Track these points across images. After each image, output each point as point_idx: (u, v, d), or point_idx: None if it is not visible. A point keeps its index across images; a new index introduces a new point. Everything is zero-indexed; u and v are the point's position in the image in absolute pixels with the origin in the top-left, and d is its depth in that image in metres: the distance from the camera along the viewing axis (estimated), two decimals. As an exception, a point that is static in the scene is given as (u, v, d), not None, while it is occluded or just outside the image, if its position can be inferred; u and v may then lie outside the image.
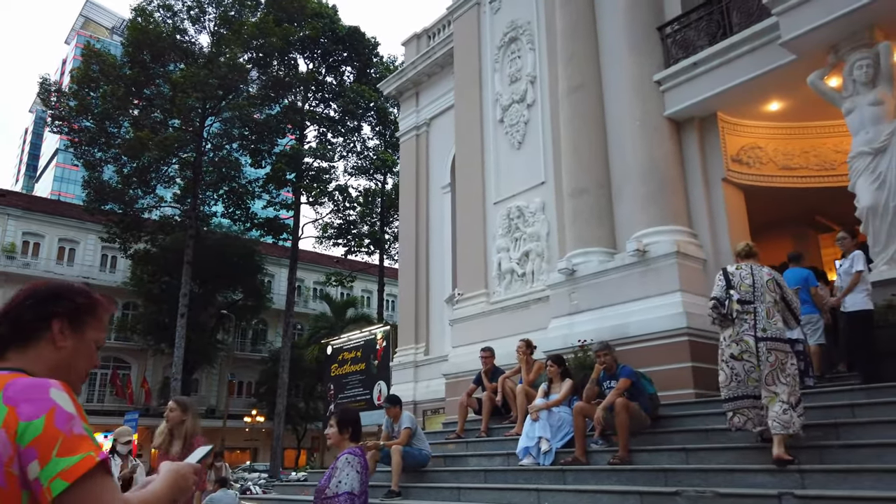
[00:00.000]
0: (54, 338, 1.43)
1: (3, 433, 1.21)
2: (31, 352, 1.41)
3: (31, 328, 1.42)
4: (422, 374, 15.76)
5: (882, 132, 7.51)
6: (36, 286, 1.49)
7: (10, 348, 1.41)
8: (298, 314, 36.98)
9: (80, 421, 1.27)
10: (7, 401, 1.25)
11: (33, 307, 1.43)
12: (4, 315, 1.43)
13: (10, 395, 1.26)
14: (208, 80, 26.65)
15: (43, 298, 1.45)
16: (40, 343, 1.42)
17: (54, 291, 1.48)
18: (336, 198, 32.37)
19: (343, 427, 3.95)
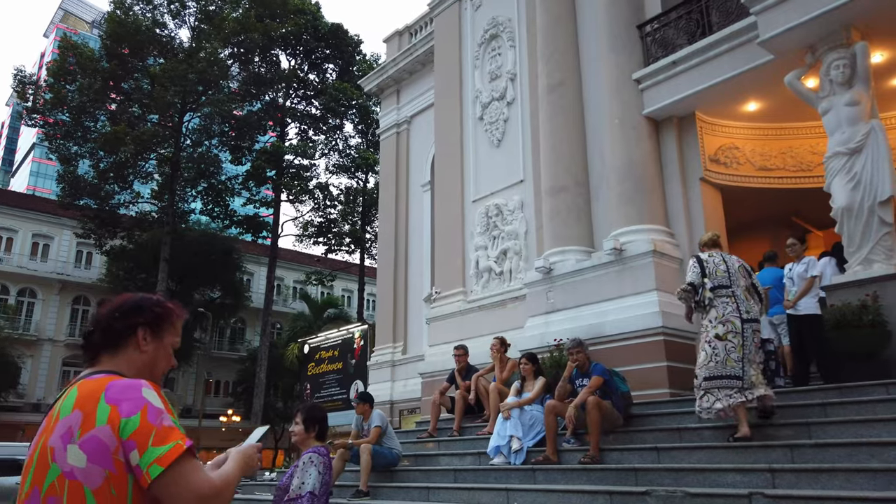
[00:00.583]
0: (139, 343, 1.69)
1: (108, 428, 1.45)
2: (120, 356, 1.67)
3: (121, 335, 1.68)
4: (399, 373, 15.62)
5: (858, 132, 7.51)
6: (122, 300, 1.74)
7: (101, 354, 1.67)
8: (277, 313, 36.62)
9: (168, 414, 1.51)
10: (109, 400, 1.49)
11: (121, 318, 1.68)
12: (96, 325, 1.68)
13: (111, 395, 1.49)
14: (188, 75, 26.27)
15: (128, 310, 1.70)
16: (128, 348, 1.68)
17: (138, 303, 1.73)
18: (317, 196, 32.09)
19: (310, 425, 3.82)
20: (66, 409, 1.51)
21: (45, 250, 34.58)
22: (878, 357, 6.64)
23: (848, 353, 6.71)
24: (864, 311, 6.70)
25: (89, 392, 1.51)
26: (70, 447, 1.45)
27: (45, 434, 1.52)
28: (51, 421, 1.53)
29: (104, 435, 1.45)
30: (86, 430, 1.46)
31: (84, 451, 1.44)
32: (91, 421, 1.46)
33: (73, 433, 1.46)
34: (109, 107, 28.25)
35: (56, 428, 1.49)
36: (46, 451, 1.48)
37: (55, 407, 1.56)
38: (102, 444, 1.44)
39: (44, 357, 33.17)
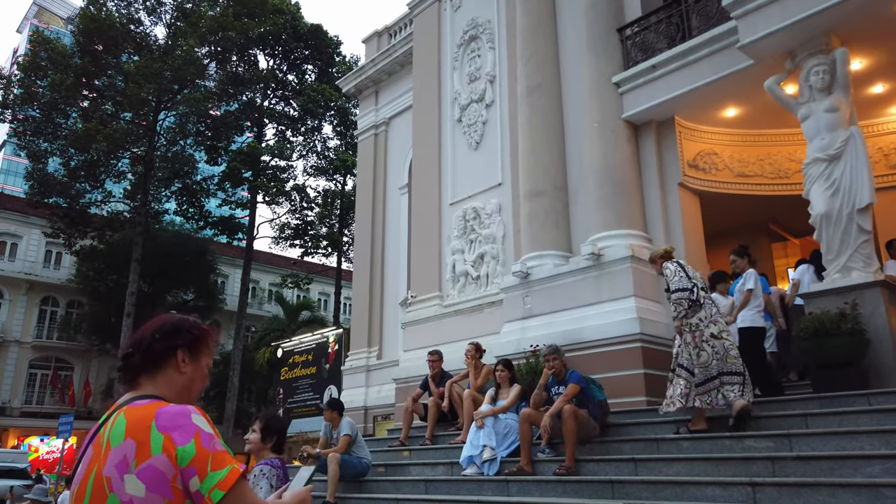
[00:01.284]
0: (178, 365, 1.71)
1: (164, 457, 1.47)
2: (160, 378, 1.69)
3: (161, 357, 1.70)
4: (374, 378, 15.35)
5: (837, 139, 7.44)
6: (161, 321, 1.76)
7: (141, 375, 1.68)
8: (252, 316, 36.07)
9: (218, 439, 1.54)
10: (161, 429, 1.50)
11: (161, 340, 1.71)
12: (136, 346, 1.70)
13: (162, 423, 1.51)
14: (163, 73, 25.76)
15: (168, 331, 1.73)
16: (168, 370, 1.70)
17: (177, 325, 1.75)
18: (294, 198, 31.66)
19: (267, 434, 3.58)
20: (116, 438, 1.52)
21: (12, 249, 33.72)
22: (856, 365, 6.56)
23: (826, 361, 6.62)
24: (843, 319, 6.61)
25: (139, 420, 1.53)
26: (127, 477, 1.48)
27: (96, 462, 1.53)
28: (100, 449, 1.54)
29: (161, 464, 1.48)
30: (142, 459, 1.48)
31: (142, 481, 1.47)
32: (146, 450, 1.49)
33: (129, 463, 1.48)
34: (81, 104, 27.59)
35: (109, 457, 1.51)
36: (102, 480, 1.50)
37: (102, 434, 1.56)
38: (160, 473, 1.48)
39: (10, 359, 32.30)
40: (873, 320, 6.71)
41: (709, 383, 5.88)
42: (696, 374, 5.96)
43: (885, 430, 4.67)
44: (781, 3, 7.74)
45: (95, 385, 33.67)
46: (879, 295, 6.87)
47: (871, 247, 7.25)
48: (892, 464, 4.39)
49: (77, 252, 29.67)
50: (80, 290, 31.69)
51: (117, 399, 1.69)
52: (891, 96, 9.41)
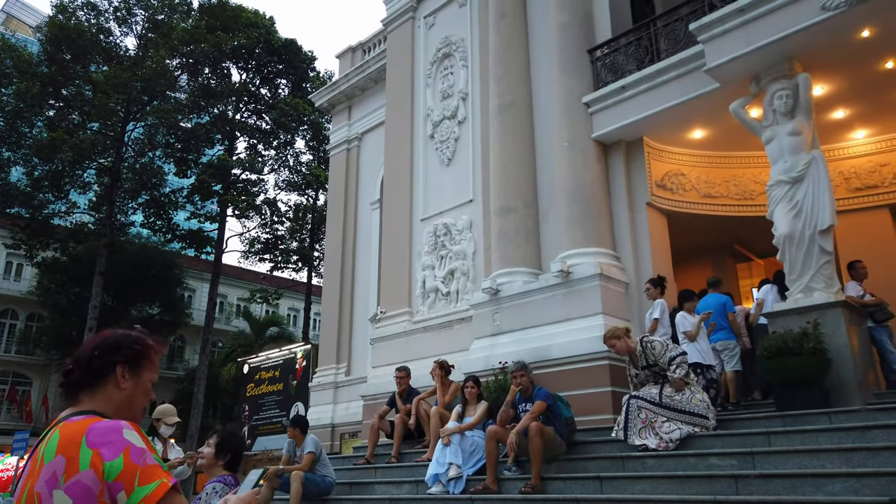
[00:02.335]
0: (118, 381, 1.71)
1: (91, 473, 1.49)
2: (99, 394, 1.69)
3: (100, 373, 1.70)
4: (342, 395, 15.16)
5: (799, 162, 7.60)
6: (102, 337, 1.77)
7: (81, 391, 1.69)
8: (219, 331, 35.45)
9: (150, 453, 1.55)
10: (91, 445, 1.51)
11: (101, 356, 1.71)
12: (76, 363, 1.71)
13: (92, 439, 1.52)
14: (132, 83, 25.41)
15: (108, 348, 1.73)
16: (107, 386, 1.70)
17: (117, 341, 1.75)
18: (264, 212, 31.34)
19: (221, 451, 3.47)
20: (49, 454, 1.54)
21: (-30, 260, 32.76)
22: (818, 384, 6.64)
23: (789, 380, 6.70)
24: (805, 338, 6.70)
25: (71, 436, 1.54)
26: (56, 492, 1.50)
27: (30, 479, 1.55)
28: (35, 465, 1.56)
29: (88, 479, 1.49)
30: (70, 475, 1.49)
31: (70, 497, 1.49)
32: (75, 466, 1.50)
33: (58, 478, 1.50)
34: (47, 113, 27.05)
35: (41, 473, 1.53)
36: (33, 496, 1.52)
37: (38, 450, 1.58)
38: (87, 489, 1.49)
39: (-34, 373, 31.25)
40: (834, 340, 6.82)
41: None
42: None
43: (846, 448, 4.72)
44: (746, 29, 7.93)
45: (54, 401, 32.67)
46: (840, 315, 7.00)
47: (832, 268, 7.39)
48: (852, 482, 4.43)
49: (39, 264, 28.94)
50: (40, 302, 30.86)
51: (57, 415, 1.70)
52: (851, 121, 9.67)
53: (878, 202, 10.01)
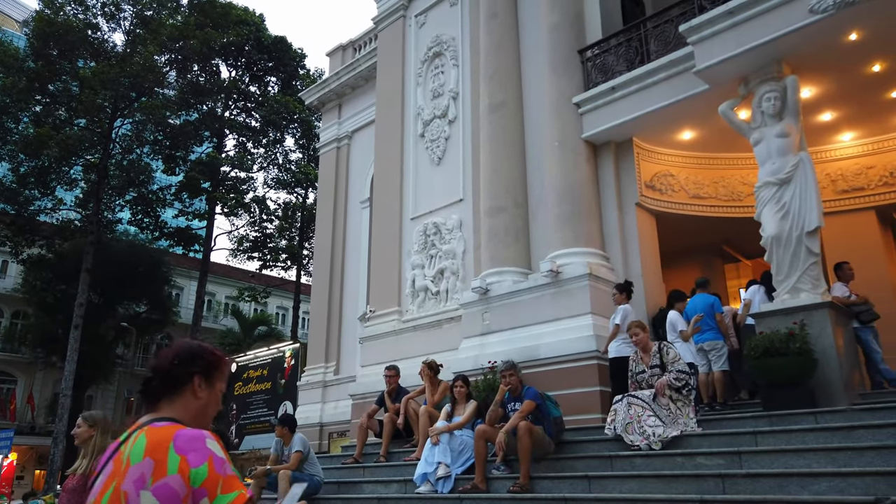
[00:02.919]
0: (195, 390, 1.81)
1: (179, 477, 1.59)
2: (178, 402, 1.79)
3: (179, 382, 1.80)
4: (330, 394, 15.11)
5: (787, 163, 7.65)
6: (178, 348, 1.86)
7: (161, 399, 1.79)
8: (207, 330, 35.25)
9: (228, 464, 1.65)
10: (178, 450, 1.61)
11: (180, 366, 1.81)
12: (156, 372, 1.82)
13: (180, 445, 1.62)
14: (120, 79, 25.20)
15: (186, 359, 1.82)
16: (185, 394, 1.80)
17: (194, 352, 1.85)
18: (253, 210, 31.20)
19: None
20: (136, 456, 1.63)
21: (-46, 257, 32.40)
22: (804, 384, 6.70)
23: (775, 380, 6.75)
24: (792, 339, 6.76)
25: (158, 441, 1.64)
26: (143, 493, 1.59)
27: (115, 477, 1.64)
28: (120, 465, 1.65)
29: (175, 483, 1.59)
30: (158, 477, 1.59)
31: (157, 497, 1.58)
32: (163, 469, 1.60)
33: (146, 480, 1.59)
34: (34, 108, 26.78)
35: (128, 473, 1.62)
36: (119, 495, 1.61)
37: (122, 451, 1.68)
38: (174, 492, 1.59)
39: (-50, 371, 30.91)
40: (821, 340, 6.88)
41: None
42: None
43: (832, 447, 4.76)
44: (735, 31, 7.98)
45: (39, 399, 32.42)
46: (827, 316, 7.05)
47: (819, 269, 7.45)
48: (837, 481, 4.47)
49: (24, 261, 28.67)
50: (26, 300, 30.56)
51: (138, 418, 1.81)
52: (838, 124, 9.76)
53: (865, 204, 10.10)
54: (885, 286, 9.55)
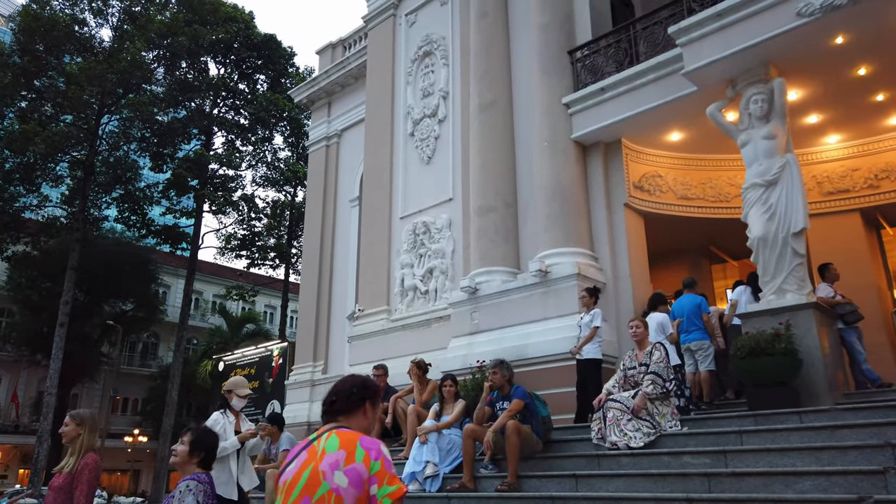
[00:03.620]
0: (366, 411, 2.46)
1: (363, 465, 2.18)
2: (352, 418, 2.41)
3: (354, 405, 2.44)
4: (318, 393, 15.06)
5: (774, 165, 7.72)
6: (354, 381, 2.52)
7: (339, 415, 2.41)
8: (194, 328, 35.08)
9: (392, 466, 2.26)
10: (364, 448, 2.23)
11: (357, 394, 2.45)
12: (338, 395, 2.45)
13: (365, 444, 2.24)
14: (107, 75, 25.00)
15: (361, 388, 2.48)
16: (357, 414, 2.43)
17: (366, 385, 2.51)
18: (241, 208, 31.05)
19: (195, 448, 3.43)
20: (331, 448, 2.24)
21: (-63, 254, 31.94)
22: (789, 384, 6.76)
23: (761, 380, 6.81)
24: (777, 339, 6.81)
25: (349, 439, 2.26)
26: (336, 472, 2.18)
27: (312, 461, 2.23)
28: (315, 454, 2.25)
29: (360, 469, 2.18)
30: (348, 463, 2.18)
31: (346, 476, 2.17)
32: (352, 458, 2.20)
33: (339, 464, 2.19)
34: (19, 104, 26.51)
35: (325, 458, 2.21)
36: (318, 473, 2.19)
37: (316, 445, 2.28)
38: (358, 474, 2.18)
39: (-68, 369, 30.55)
40: (806, 341, 6.94)
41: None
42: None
43: (815, 447, 4.82)
44: (723, 34, 8.03)
45: (24, 398, 32.13)
46: (812, 316, 7.12)
47: (804, 270, 7.52)
48: (821, 480, 4.52)
49: (9, 258, 28.36)
50: (10, 297, 30.26)
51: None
52: (824, 126, 9.85)
53: (850, 206, 10.21)
54: (869, 288, 9.67)
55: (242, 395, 5.81)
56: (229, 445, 5.47)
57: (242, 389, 5.85)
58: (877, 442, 4.56)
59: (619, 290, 9.43)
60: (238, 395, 5.80)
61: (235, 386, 5.86)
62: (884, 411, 5.36)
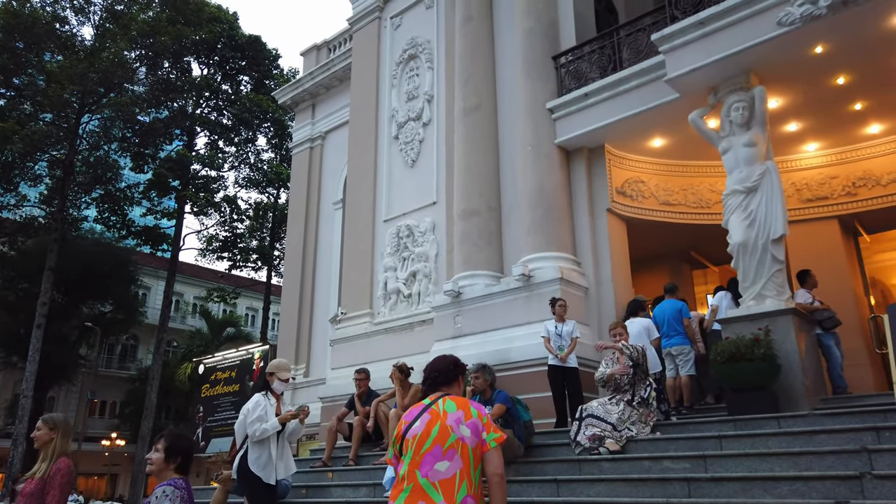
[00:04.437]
0: (459, 383, 3.28)
1: (477, 420, 2.96)
2: (452, 388, 3.22)
3: (454, 378, 3.25)
4: (300, 397, 14.97)
5: (754, 172, 7.81)
6: (449, 360, 3.33)
7: (440, 386, 3.19)
8: (175, 331, 34.69)
9: (492, 420, 3.15)
10: (475, 407, 3.04)
11: (454, 370, 3.27)
12: (440, 371, 3.24)
13: (475, 406, 3.05)
14: (88, 74, 24.69)
15: (455, 365, 3.29)
16: (454, 385, 3.24)
17: (456, 362, 3.32)
18: (223, 209, 30.78)
19: (171, 454, 3.36)
20: (451, 409, 2.98)
21: (-89, 253, 31.28)
22: (768, 389, 6.83)
23: (741, 385, 6.87)
24: (757, 344, 6.88)
25: (463, 402, 3.04)
26: (461, 426, 2.92)
27: (437, 419, 2.95)
28: (438, 415, 2.97)
29: (476, 422, 2.94)
30: (467, 419, 2.93)
31: (468, 429, 2.92)
32: (469, 415, 2.96)
33: (461, 420, 2.93)
34: (-3, 102, 26.12)
35: (447, 417, 2.94)
36: (446, 427, 2.91)
37: (436, 408, 3.01)
38: (476, 426, 2.94)
39: None
40: (784, 346, 7.03)
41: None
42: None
43: (793, 452, 4.86)
44: (706, 41, 8.12)
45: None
46: (790, 322, 7.21)
47: (783, 276, 7.61)
48: (799, 485, 4.56)
49: (-16, 258, 27.88)
50: (-15, 297, 29.71)
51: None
52: (803, 134, 9.98)
53: (828, 213, 10.35)
54: (846, 293, 9.80)
55: (284, 378, 5.80)
56: (270, 427, 5.46)
57: (284, 372, 5.85)
58: (853, 447, 4.62)
59: (601, 294, 9.48)
60: (279, 377, 5.80)
61: (277, 368, 5.84)
62: (860, 417, 5.43)
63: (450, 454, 2.87)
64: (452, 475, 2.85)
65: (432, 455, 2.88)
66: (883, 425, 4.93)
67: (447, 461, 2.86)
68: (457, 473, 2.85)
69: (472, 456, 2.88)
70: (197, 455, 18.99)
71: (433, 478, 2.85)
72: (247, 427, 5.53)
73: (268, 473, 5.42)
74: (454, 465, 2.86)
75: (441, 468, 2.86)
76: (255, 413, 5.52)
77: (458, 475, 2.84)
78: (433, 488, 2.84)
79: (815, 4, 7.34)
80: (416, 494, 2.85)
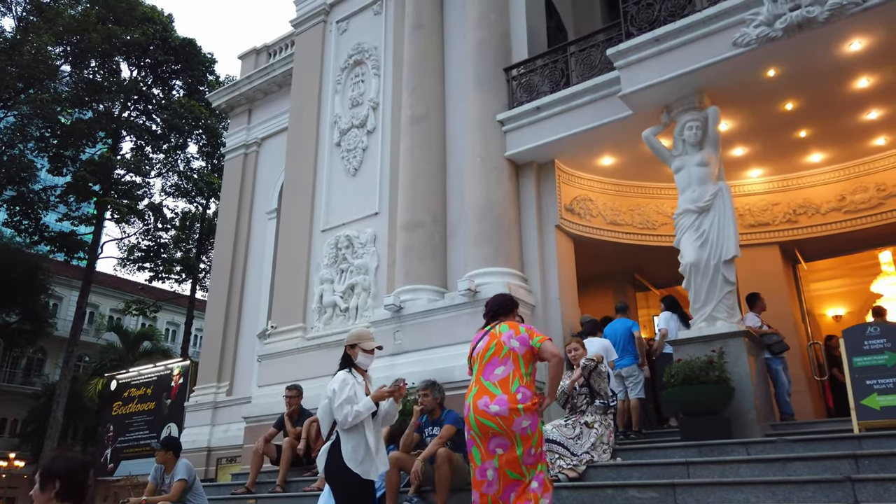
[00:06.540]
0: (515, 313, 4.60)
1: (526, 335, 4.26)
2: (507, 318, 4.49)
3: (510, 310, 4.59)
4: (221, 416, 14.04)
5: (707, 192, 7.71)
6: (505, 296, 4.74)
7: (498, 316, 4.51)
8: (87, 344, 32.45)
9: (535, 329, 4.44)
10: (524, 327, 4.37)
11: (510, 303, 4.63)
12: (500, 306, 4.58)
13: (524, 326, 4.41)
14: (7, 67, 23.06)
15: (510, 300, 4.65)
16: (511, 315, 4.53)
17: (511, 298, 4.69)
18: (147, 217, 29.20)
19: (47, 482, 2.62)
20: (504, 330, 4.30)
21: None
22: (720, 414, 6.62)
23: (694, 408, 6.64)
24: (711, 367, 6.68)
25: (514, 325, 4.35)
26: (512, 340, 4.22)
27: (495, 338, 4.29)
28: (496, 335, 4.29)
29: (525, 336, 4.22)
30: (517, 335, 4.22)
31: (517, 341, 4.21)
32: (518, 332, 4.25)
33: (512, 336, 4.23)
34: None
35: (502, 335, 4.25)
36: (501, 343, 4.22)
37: (495, 330, 4.35)
38: (525, 339, 4.22)
39: None
40: (736, 369, 6.86)
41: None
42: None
43: (770, 481, 4.55)
44: (660, 59, 8.03)
45: None
46: (742, 345, 7.07)
47: (734, 298, 7.50)
48: (772, 514, 4.27)
49: None
50: None
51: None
52: (748, 160, 10.06)
53: (769, 239, 10.45)
54: (786, 319, 9.84)
55: (369, 350, 4.63)
56: (364, 409, 4.32)
57: (369, 342, 4.67)
58: (834, 476, 4.35)
59: (548, 312, 9.18)
60: (363, 348, 4.61)
61: (360, 339, 4.67)
62: (832, 443, 5.23)
63: (505, 361, 4.16)
64: (507, 375, 4.11)
65: (491, 364, 4.19)
66: (861, 453, 4.70)
67: (503, 366, 4.15)
68: (510, 373, 4.11)
69: (521, 360, 4.15)
70: (104, 478, 17.49)
71: (493, 379, 4.14)
72: (334, 412, 4.38)
73: (366, 468, 4.29)
74: (507, 368, 4.14)
75: (498, 371, 4.14)
76: (343, 394, 4.33)
77: (511, 374, 4.11)
78: (494, 386, 4.10)
79: (770, 27, 7.33)
80: (482, 391, 4.12)
